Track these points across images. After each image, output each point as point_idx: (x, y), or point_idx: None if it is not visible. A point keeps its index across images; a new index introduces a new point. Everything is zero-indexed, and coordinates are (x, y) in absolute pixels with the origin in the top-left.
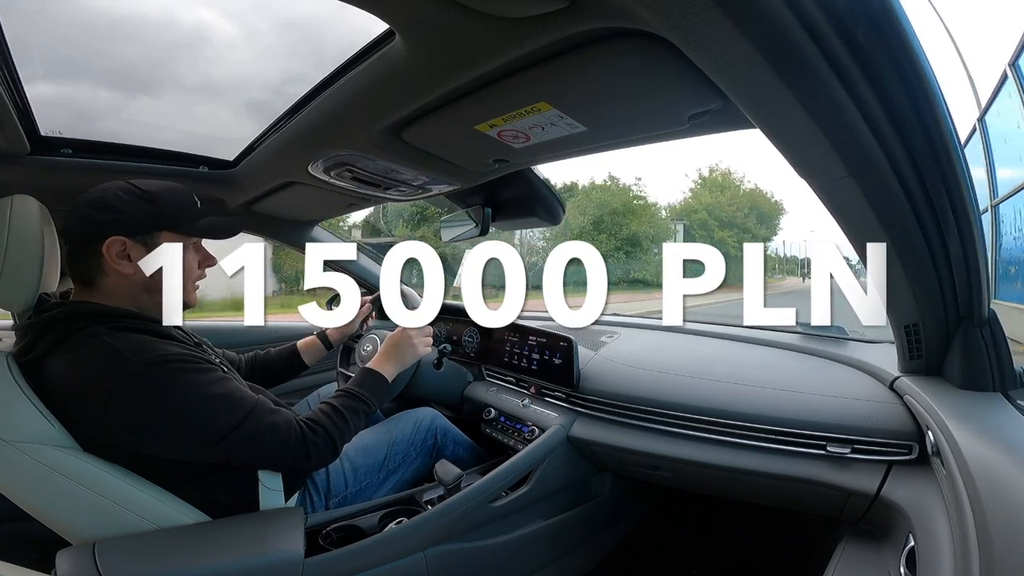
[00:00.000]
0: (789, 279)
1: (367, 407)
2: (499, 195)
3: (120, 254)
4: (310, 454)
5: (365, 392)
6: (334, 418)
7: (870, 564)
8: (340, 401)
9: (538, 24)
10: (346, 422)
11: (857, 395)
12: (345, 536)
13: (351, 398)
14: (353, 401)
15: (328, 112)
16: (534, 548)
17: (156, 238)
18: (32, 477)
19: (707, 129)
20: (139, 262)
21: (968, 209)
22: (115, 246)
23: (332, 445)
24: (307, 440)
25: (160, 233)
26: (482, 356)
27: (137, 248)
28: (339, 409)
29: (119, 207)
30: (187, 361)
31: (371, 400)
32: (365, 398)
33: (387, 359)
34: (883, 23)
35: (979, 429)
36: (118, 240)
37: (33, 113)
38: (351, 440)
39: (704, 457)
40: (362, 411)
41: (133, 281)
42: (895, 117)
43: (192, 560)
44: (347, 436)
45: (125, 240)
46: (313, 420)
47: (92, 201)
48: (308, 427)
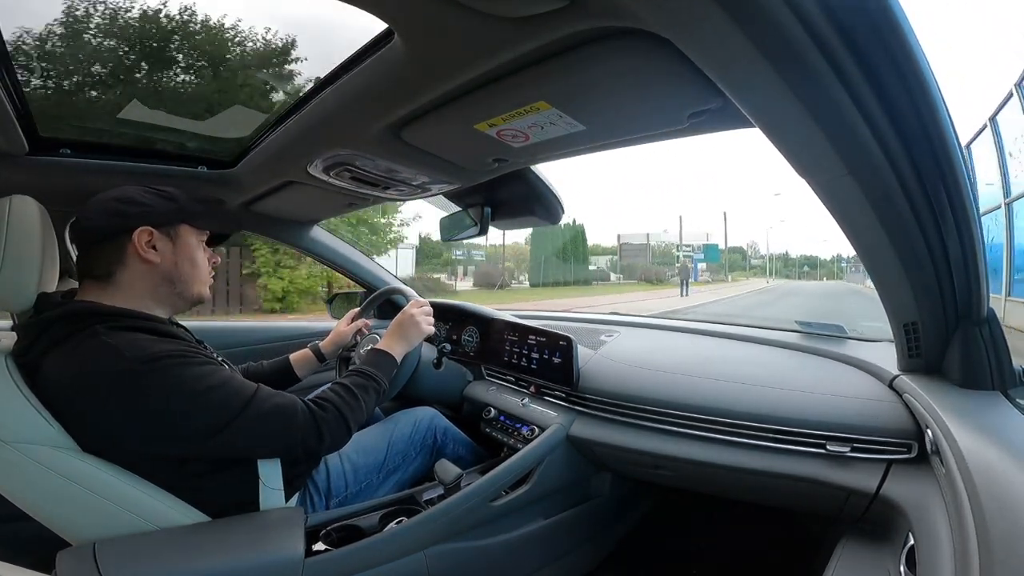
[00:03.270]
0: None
1: (376, 384)
2: (498, 194)
3: (148, 243)
4: (322, 433)
5: (374, 371)
6: (344, 395)
7: (870, 563)
8: (349, 379)
9: (537, 23)
10: (356, 399)
11: (856, 394)
12: (345, 536)
13: (360, 375)
14: (362, 379)
15: (327, 112)
16: (534, 547)
17: (178, 230)
18: (31, 478)
19: (706, 128)
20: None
21: (967, 208)
22: (144, 235)
23: (344, 422)
24: (317, 418)
25: (181, 226)
26: (481, 355)
27: (163, 239)
28: (348, 387)
29: (144, 201)
30: (185, 356)
31: (380, 378)
32: (374, 375)
33: (394, 339)
34: (882, 22)
35: (978, 427)
36: (146, 230)
37: (32, 113)
38: (357, 430)
39: (704, 456)
40: (372, 388)
41: (157, 271)
42: (894, 116)
43: (192, 560)
44: (359, 414)
45: (152, 231)
46: (322, 398)
47: (116, 197)
48: (317, 406)
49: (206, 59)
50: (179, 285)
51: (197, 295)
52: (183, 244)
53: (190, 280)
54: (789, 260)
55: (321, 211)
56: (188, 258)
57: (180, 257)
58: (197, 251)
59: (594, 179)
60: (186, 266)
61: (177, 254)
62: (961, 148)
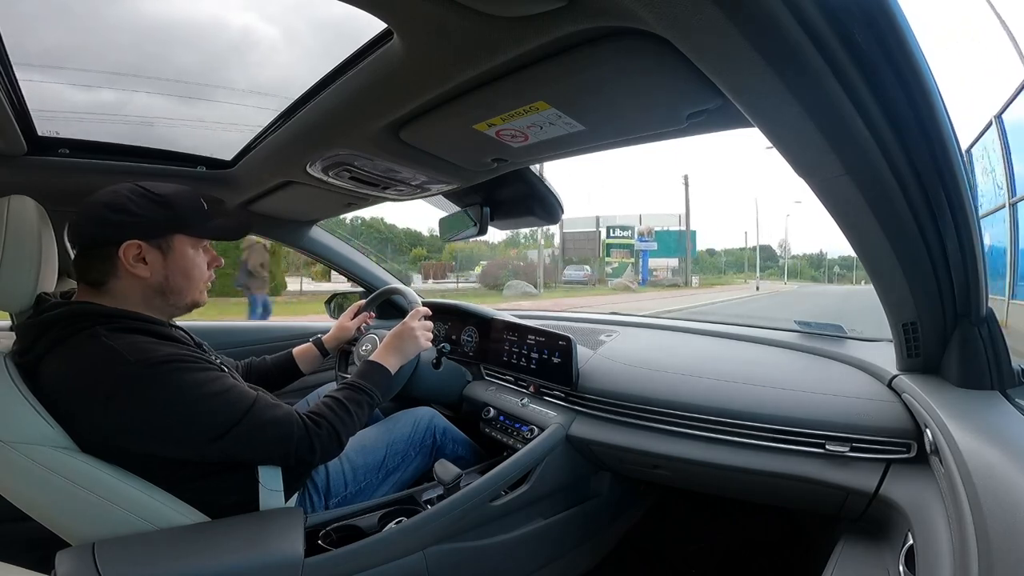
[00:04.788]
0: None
1: (370, 398)
2: (497, 194)
3: (136, 257)
4: (314, 447)
5: (367, 383)
6: (337, 410)
7: (869, 562)
8: (343, 393)
9: (536, 23)
10: (349, 414)
11: (856, 393)
12: (345, 536)
13: (353, 390)
14: (356, 393)
15: (326, 112)
16: (533, 547)
17: (171, 241)
18: (31, 478)
19: (705, 128)
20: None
21: (966, 207)
22: (131, 250)
23: (336, 437)
24: (311, 433)
25: (174, 236)
26: (481, 355)
27: (152, 252)
28: (342, 401)
29: (134, 211)
30: (186, 361)
31: (374, 391)
32: (368, 389)
33: (389, 351)
34: (881, 22)
35: (977, 427)
36: (134, 244)
37: (30, 113)
38: (354, 435)
39: (703, 456)
40: (365, 402)
41: (147, 284)
42: (892, 116)
43: (192, 560)
44: (351, 428)
45: (141, 244)
46: (316, 413)
47: (106, 204)
48: (311, 420)
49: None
50: (172, 297)
51: (191, 303)
52: (176, 256)
53: (182, 292)
54: (823, 260)
55: (320, 211)
56: (181, 271)
57: (172, 270)
58: (192, 261)
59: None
60: (178, 279)
61: (169, 267)
62: (960, 148)
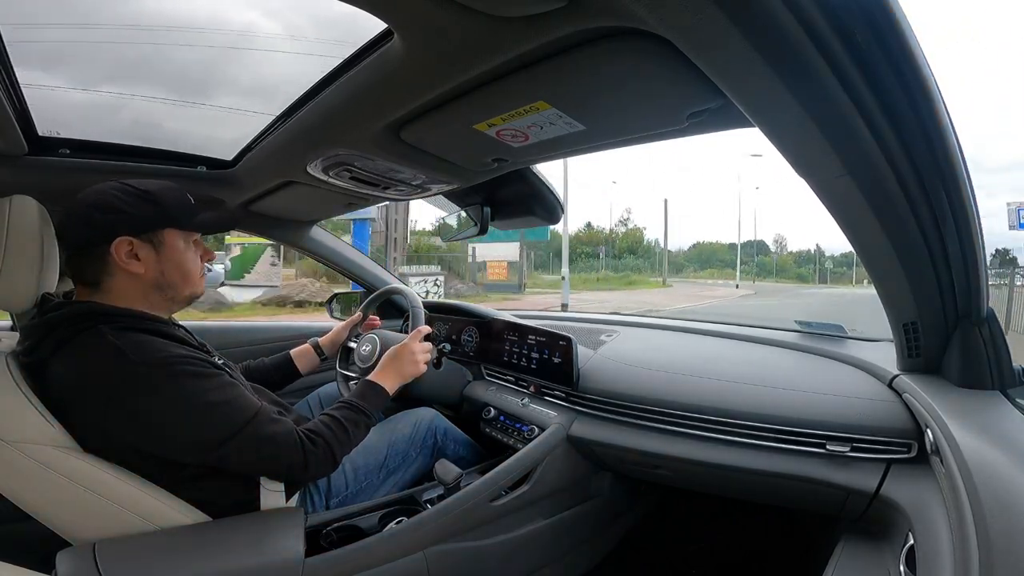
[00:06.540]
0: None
1: (368, 419)
2: (498, 194)
3: (128, 254)
4: (308, 465)
5: (366, 404)
6: (335, 429)
7: (869, 562)
8: (341, 413)
9: (536, 23)
10: (346, 433)
11: (856, 393)
12: (345, 536)
13: (352, 410)
14: (354, 413)
15: (326, 112)
16: (534, 547)
17: (161, 236)
18: (32, 477)
19: (706, 128)
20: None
21: (967, 207)
22: (123, 247)
23: (331, 456)
24: (306, 451)
25: (164, 231)
26: (481, 355)
27: (144, 247)
28: (340, 421)
29: (121, 207)
30: (191, 363)
31: (372, 413)
32: (366, 410)
33: (388, 373)
34: (881, 22)
35: (978, 427)
36: (125, 240)
37: (31, 113)
38: (348, 453)
39: (703, 456)
40: (363, 423)
41: (143, 280)
42: (893, 116)
43: (192, 560)
44: (347, 448)
45: (132, 240)
46: (313, 431)
47: (92, 204)
48: (308, 438)
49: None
50: (169, 291)
51: (190, 296)
52: (168, 250)
53: (179, 285)
54: (818, 257)
55: (321, 211)
56: (175, 264)
57: (166, 265)
58: (185, 254)
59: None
60: (174, 273)
61: (162, 262)
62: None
